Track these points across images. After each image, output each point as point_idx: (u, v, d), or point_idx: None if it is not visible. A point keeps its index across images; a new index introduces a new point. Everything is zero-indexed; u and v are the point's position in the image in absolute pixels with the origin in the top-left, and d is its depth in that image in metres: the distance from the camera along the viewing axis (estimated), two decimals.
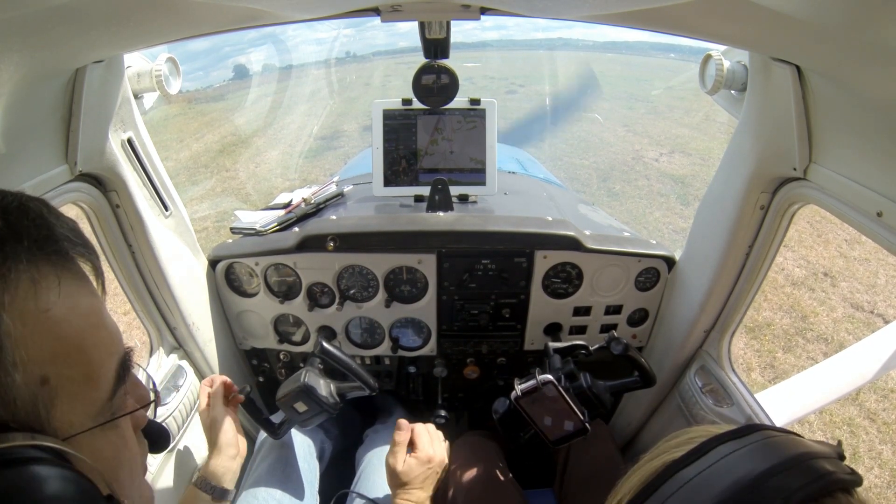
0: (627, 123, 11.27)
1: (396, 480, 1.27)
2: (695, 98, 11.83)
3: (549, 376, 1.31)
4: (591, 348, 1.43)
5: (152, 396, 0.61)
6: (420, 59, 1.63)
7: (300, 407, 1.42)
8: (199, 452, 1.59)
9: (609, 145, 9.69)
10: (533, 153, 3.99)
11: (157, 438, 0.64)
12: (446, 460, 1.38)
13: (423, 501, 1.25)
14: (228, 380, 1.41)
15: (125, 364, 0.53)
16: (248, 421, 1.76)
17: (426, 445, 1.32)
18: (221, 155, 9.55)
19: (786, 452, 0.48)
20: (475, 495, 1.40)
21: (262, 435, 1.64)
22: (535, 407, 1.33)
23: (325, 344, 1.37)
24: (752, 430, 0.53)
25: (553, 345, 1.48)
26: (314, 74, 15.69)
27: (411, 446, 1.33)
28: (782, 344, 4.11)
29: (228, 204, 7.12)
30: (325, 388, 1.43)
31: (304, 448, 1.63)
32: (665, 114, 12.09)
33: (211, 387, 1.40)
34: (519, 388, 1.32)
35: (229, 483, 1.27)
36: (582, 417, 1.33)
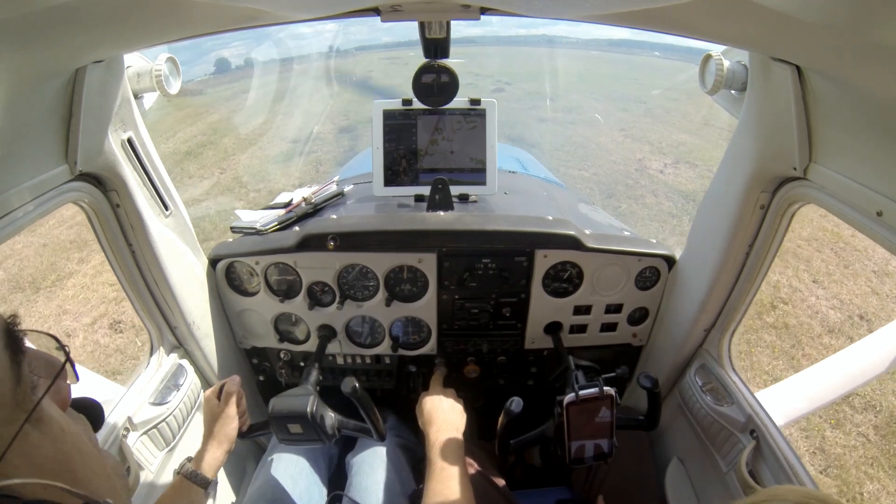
0: (624, 127, 10.78)
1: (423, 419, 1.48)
2: (688, 100, 11.49)
3: (613, 390, 1.28)
4: (603, 376, 1.34)
5: (62, 358, 0.51)
6: (405, 54, 1.62)
7: (294, 428, 1.37)
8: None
9: (608, 153, 9.10)
10: None
11: (92, 412, 0.56)
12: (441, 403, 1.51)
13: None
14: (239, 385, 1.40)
15: (12, 335, 0.43)
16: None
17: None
18: (188, 158, 9.11)
19: None
20: None
21: (273, 439, 1.64)
22: (579, 418, 1.28)
23: (357, 386, 1.33)
24: None
25: (576, 360, 1.46)
26: (297, 69, 15.19)
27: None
28: (831, 420, 3.50)
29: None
30: (329, 419, 1.39)
31: (313, 454, 1.65)
32: (662, 117, 11.63)
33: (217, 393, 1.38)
34: (579, 392, 1.26)
35: (214, 474, 1.28)
36: (615, 442, 1.31)
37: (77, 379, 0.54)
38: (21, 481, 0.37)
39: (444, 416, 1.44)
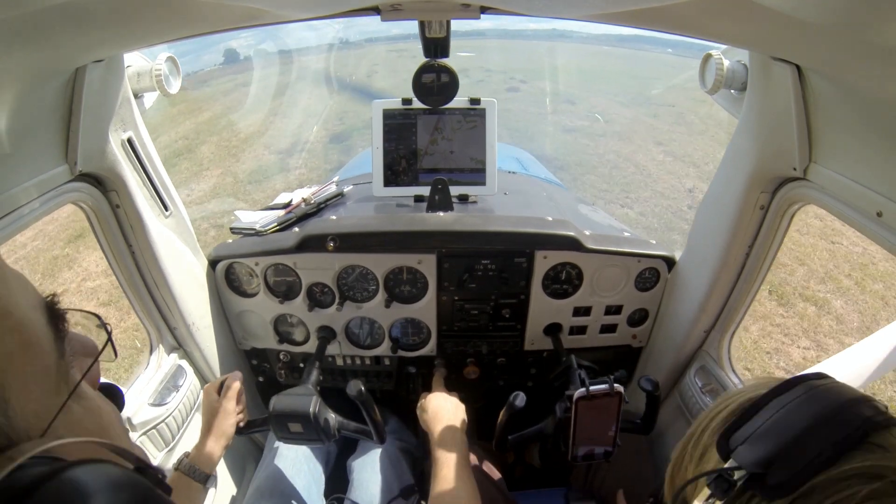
0: (661, 140, 9.22)
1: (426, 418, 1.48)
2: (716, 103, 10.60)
3: (621, 388, 1.27)
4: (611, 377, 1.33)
5: (100, 343, 0.53)
6: (414, 47, 1.61)
7: (294, 427, 1.37)
8: None
9: (651, 178, 7.51)
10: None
11: (114, 397, 0.58)
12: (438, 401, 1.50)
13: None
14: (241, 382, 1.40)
15: (54, 312, 0.45)
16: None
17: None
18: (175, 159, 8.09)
19: (854, 393, 0.60)
20: None
21: (271, 437, 1.64)
22: (586, 414, 1.28)
23: (363, 390, 1.34)
24: (822, 377, 0.64)
25: (578, 360, 1.46)
26: (303, 61, 14.52)
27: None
28: None
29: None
30: (330, 420, 1.40)
31: (311, 452, 1.65)
32: (696, 125, 10.09)
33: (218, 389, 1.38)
34: (590, 388, 1.25)
35: (213, 468, 1.28)
36: (618, 441, 1.31)
37: (116, 356, 0.57)
38: (69, 440, 0.39)
39: (449, 415, 1.44)
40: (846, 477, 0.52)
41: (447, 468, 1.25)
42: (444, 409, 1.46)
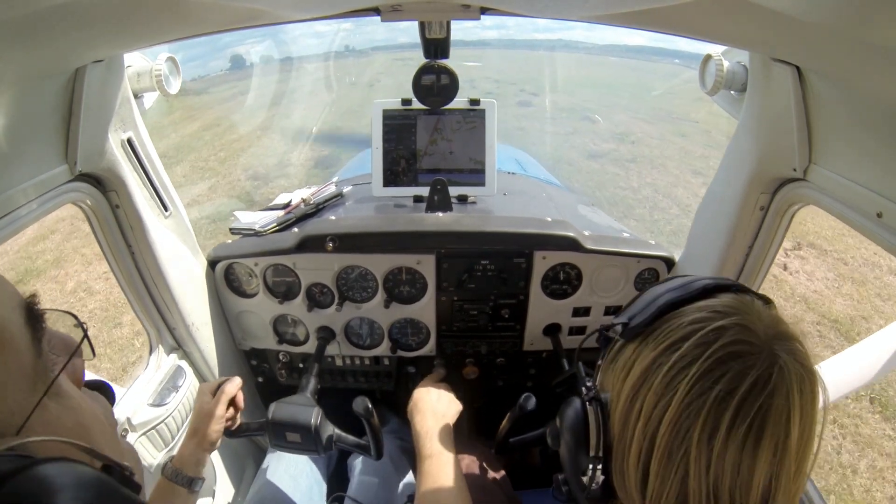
0: (698, 169, 8.12)
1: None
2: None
3: None
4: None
5: (79, 335, 0.54)
6: (419, 55, 1.61)
7: (292, 437, 1.36)
8: None
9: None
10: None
11: (104, 392, 0.59)
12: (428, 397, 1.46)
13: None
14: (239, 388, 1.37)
15: (33, 313, 0.47)
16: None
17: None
18: None
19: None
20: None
21: None
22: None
23: (370, 407, 1.32)
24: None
25: (585, 368, 1.44)
26: (307, 69, 14.18)
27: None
28: None
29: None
30: (332, 435, 1.39)
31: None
32: (724, 145, 9.36)
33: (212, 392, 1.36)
34: None
35: (197, 472, 1.23)
36: None
37: (94, 355, 0.58)
38: (39, 439, 0.40)
39: (430, 405, 1.41)
40: (684, 314, 0.67)
41: (430, 461, 1.23)
42: (425, 400, 1.42)
